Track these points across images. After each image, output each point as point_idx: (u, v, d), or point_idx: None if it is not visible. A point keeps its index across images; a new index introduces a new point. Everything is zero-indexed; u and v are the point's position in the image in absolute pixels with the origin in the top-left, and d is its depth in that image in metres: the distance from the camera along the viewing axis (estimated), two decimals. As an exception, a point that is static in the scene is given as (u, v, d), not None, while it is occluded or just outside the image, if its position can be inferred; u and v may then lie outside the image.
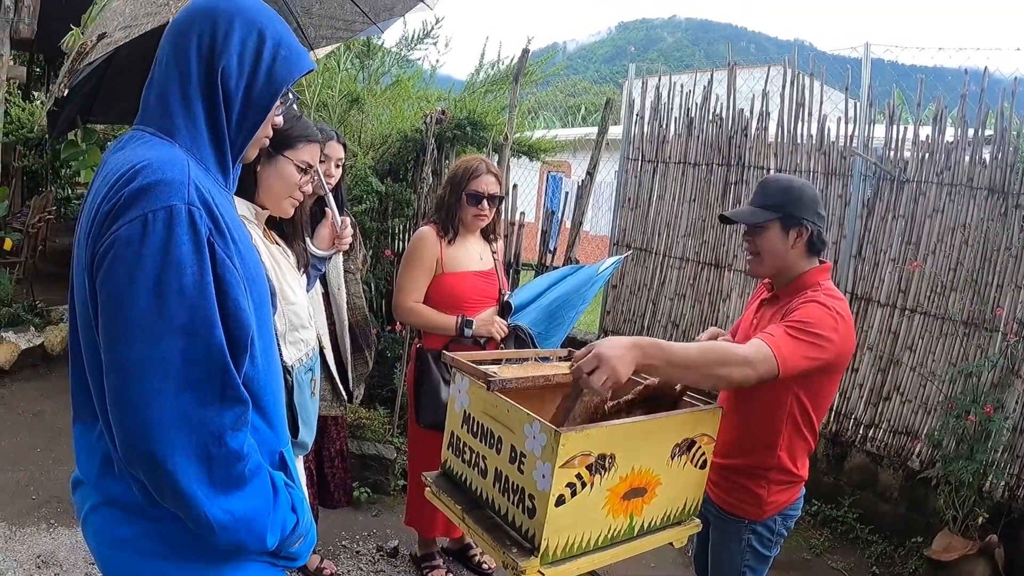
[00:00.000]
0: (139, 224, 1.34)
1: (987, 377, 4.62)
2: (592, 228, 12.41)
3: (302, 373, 2.61)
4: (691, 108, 6.43)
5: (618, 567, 3.12)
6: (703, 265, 6.32)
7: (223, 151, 1.56)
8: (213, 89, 1.50)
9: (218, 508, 1.41)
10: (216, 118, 1.52)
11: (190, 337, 1.36)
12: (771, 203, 2.61)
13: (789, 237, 2.59)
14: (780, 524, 2.71)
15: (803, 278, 2.63)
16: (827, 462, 5.44)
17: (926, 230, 5.04)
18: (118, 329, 1.35)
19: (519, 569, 2.16)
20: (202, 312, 1.37)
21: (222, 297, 1.41)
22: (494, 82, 7.57)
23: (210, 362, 1.38)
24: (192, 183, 1.40)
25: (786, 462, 2.64)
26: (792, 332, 2.39)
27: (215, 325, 1.38)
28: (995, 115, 4.75)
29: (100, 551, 1.60)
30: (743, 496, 2.69)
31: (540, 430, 2.14)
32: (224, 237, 1.44)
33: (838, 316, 2.48)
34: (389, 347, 5.62)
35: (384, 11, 4.02)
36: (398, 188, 5.81)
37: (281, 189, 2.50)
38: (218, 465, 1.40)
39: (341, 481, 3.90)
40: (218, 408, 1.39)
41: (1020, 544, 4.43)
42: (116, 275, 1.34)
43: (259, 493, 1.49)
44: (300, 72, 1.60)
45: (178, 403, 1.35)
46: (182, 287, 1.34)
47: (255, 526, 1.48)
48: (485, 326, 3.58)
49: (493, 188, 3.62)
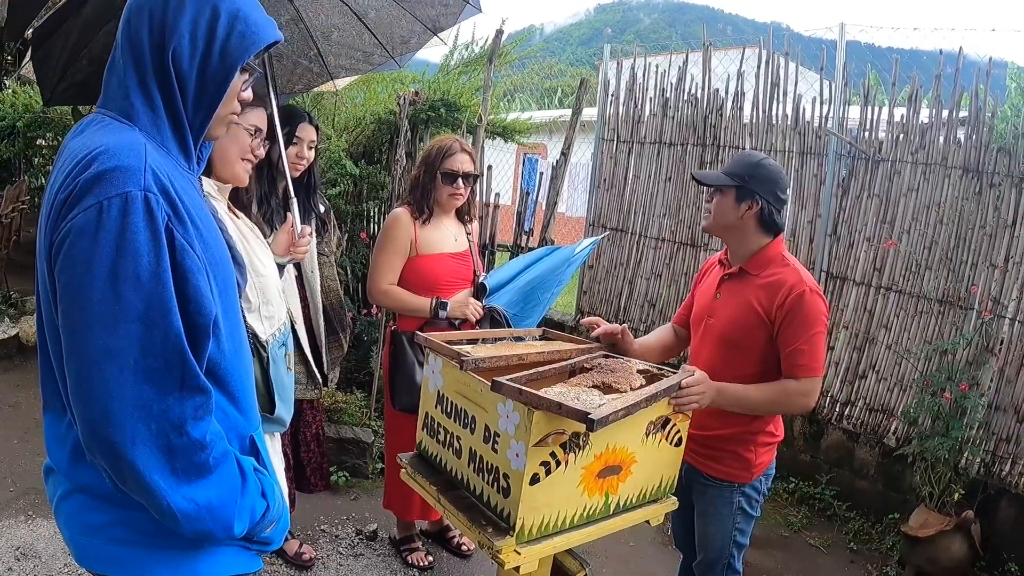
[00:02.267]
0: (94, 212, 1.32)
1: (962, 355, 4.66)
2: (569, 209, 12.40)
3: (276, 348, 2.59)
4: (666, 89, 6.42)
5: (595, 545, 3.14)
6: (679, 245, 6.33)
7: (183, 133, 1.53)
8: (166, 71, 1.47)
9: (181, 497, 1.40)
10: (172, 100, 1.49)
11: (147, 325, 1.34)
12: (735, 172, 2.81)
13: (740, 207, 2.79)
14: (763, 484, 2.94)
15: (766, 252, 2.83)
16: (804, 440, 5.48)
17: (901, 209, 5.06)
18: (75, 318, 1.33)
19: (495, 548, 2.16)
20: (159, 300, 1.35)
21: (182, 283, 1.39)
22: (468, 64, 7.54)
23: (168, 350, 1.36)
24: (149, 169, 1.38)
25: (768, 425, 2.87)
26: (813, 337, 2.68)
27: (172, 313, 1.36)
28: (970, 96, 4.76)
29: (73, 538, 1.59)
30: (733, 462, 2.85)
31: (513, 409, 2.14)
32: (184, 223, 1.42)
33: (819, 292, 2.74)
34: (365, 331, 5.61)
35: (400, 44, 4.03)
36: (372, 171, 5.78)
37: (233, 153, 2.50)
38: (180, 454, 1.39)
39: (318, 465, 3.89)
40: (178, 397, 1.38)
41: (996, 520, 4.48)
42: (72, 264, 1.33)
43: (225, 481, 1.48)
44: (257, 46, 1.55)
45: (137, 392, 1.34)
46: (138, 275, 1.33)
47: (221, 514, 1.47)
48: (460, 308, 3.57)
49: (468, 167, 3.60)
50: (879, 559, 4.64)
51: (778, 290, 2.71)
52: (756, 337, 2.75)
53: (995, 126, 4.69)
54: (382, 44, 3.97)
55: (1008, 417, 4.54)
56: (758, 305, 2.73)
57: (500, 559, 2.16)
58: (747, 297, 2.78)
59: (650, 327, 6.43)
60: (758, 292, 2.75)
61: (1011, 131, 4.63)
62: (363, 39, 3.94)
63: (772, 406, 2.76)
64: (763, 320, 2.72)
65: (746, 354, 2.78)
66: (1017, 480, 4.48)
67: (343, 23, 3.87)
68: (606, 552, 4.23)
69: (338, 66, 4.06)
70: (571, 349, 2.70)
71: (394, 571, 3.90)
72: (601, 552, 4.20)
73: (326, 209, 3.87)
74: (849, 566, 4.58)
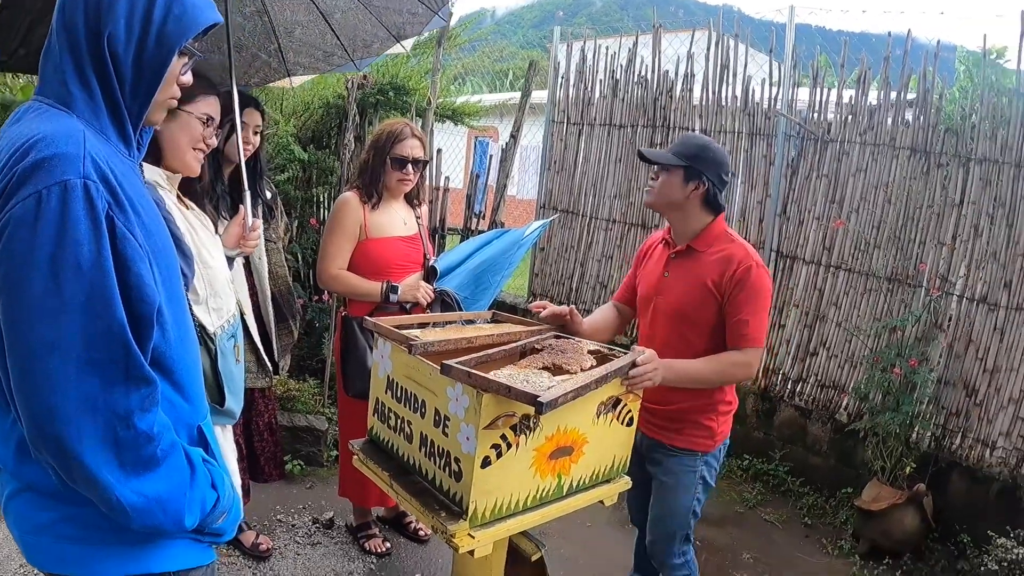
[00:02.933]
0: (33, 201, 1.29)
1: (911, 331, 4.73)
2: (520, 192, 12.39)
3: (225, 340, 2.55)
4: (616, 71, 6.43)
5: (552, 526, 3.14)
6: (630, 226, 6.36)
7: (121, 119, 1.49)
8: (102, 57, 1.43)
9: (130, 491, 1.37)
10: (109, 86, 1.46)
11: (90, 317, 1.31)
12: (683, 153, 2.90)
13: (687, 187, 2.88)
14: (721, 453, 3.08)
15: (711, 230, 2.95)
16: (756, 417, 5.53)
17: (849, 189, 5.12)
18: (16, 311, 1.30)
19: (448, 533, 2.15)
20: (101, 290, 1.32)
21: (124, 272, 1.36)
22: (417, 47, 7.47)
23: (112, 342, 1.33)
24: (88, 156, 1.34)
25: (726, 394, 3.00)
26: (757, 310, 2.80)
27: (115, 303, 1.33)
28: (918, 78, 4.82)
29: (22, 538, 1.55)
30: (696, 431, 2.97)
31: (463, 392, 2.12)
32: (125, 210, 1.38)
33: (764, 267, 2.87)
34: (317, 317, 5.56)
35: (361, 48, 3.98)
36: (321, 156, 5.72)
37: (184, 143, 2.46)
38: (127, 447, 1.37)
39: (272, 455, 3.84)
40: (124, 389, 1.35)
41: (948, 492, 4.56)
42: (11, 255, 1.29)
43: (173, 473, 1.45)
44: (195, 29, 1.52)
45: (82, 385, 1.31)
46: (79, 265, 1.30)
47: (171, 507, 1.45)
48: (410, 291, 3.54)
49: (417, 152, 3.57)
50: (833, 533, 4.70)
51: (728, 264, 2.82)
52: (708, 310, 2.85)
53: (943, 107, 4.75)
54: (344, 46, 3.92)
55: (957, 392, 4.62)
56: (709, 280, 2.83)
57: (454, 543, 2.16)
58: (698, 273, 2.88)
59: (603, 308, 6.45)
60: (709, 267, 2.86)
61: (959, 112, 4.69)
62: (325, 39, 3.90)
63: (718, 377, 2.85)
64: (713, 294, 2.83)
65: (699, 328, 2.88)
66: (967, 453, 4.56)
67: (307, 21, 3.82)
68: (563, 533, 4.24)
69: (297, 63, 4.01)
70: (521, 331, 2.69)
71: (351, 558, 3.88)
72: (558, 533, 4.20)
73: (273, 195, 3.82)
74: (804, 540, 4.63)
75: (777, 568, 4.28)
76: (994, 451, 4.47)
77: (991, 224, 4.52)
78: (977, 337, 4.56)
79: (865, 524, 4.47)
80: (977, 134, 4.57)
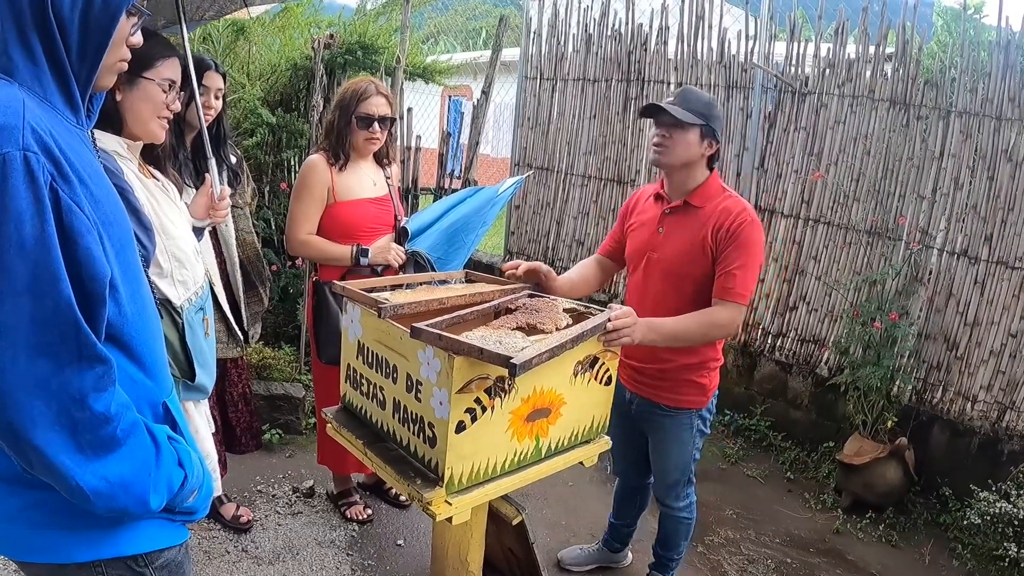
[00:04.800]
0: None
1: (891, 285, 4.71)
2: (494, 150, 12.29)
3: (192, 313, 2.48)
4: (589, 25, 6.32)
5: (534, 488, 3.11)
6: (605, 182, 6.29)
7: (68, 86, 1.40)
8: (46, 20, 1.33)
9: (91, 475, 1.31)
10: (55, 51, 1.36)
11: (35, 296, 1.23)
12: (697, 110, 2.80)
13: (703, 145, 2.85)
14: (713, 404, 3.11)
15: (709, 185, 2.92)
16: (737, 372, 5.51)
17: (828, 141, 5.06)
18: None
19: (425, 500, 2.11)
20: (46, 267, 1.24)
21: (71, 247, 1.27)
22: (386, 5, 7.31)
23: (61, 321, 1.26)
24: (28, 126, 1.25)
25: (716, 351, 3.02)
26: (746, 265, 2.76)
27: (61, 280, 1.25)
28: (896, 31, 4.76)
29: None
30: (690, 389, 2.99)
31: (434, 356, 2.06)
32: (70, 182, 1.29)
33: (760, 226, 2.85)
34: (291, 283, 5.48)
35: None
36: (290, 119, 5.59)
37: (148, 112, 2.36)
38: (84, 430, 1.30)
39: (248, 425, 3.79)
40: (76, 369, 1.28)
41: (929, 445, 4.58)
42: None
43: (136, 454, 1.39)
44: None
45: (32, 368, 1.24)
46: (22, 242, 1.21)
47: (135, 489, 1.39)
48: (381, 253, 3.47)
49: (384, 110, 3.47)
50: (816, 487, 4.71)
51: (726, 217, 2.81)
52: (701, 265, 2.83)
53: (923, 59, 4.70)
54: None
55: (938, 345, 4.63)
56: (707, 234, 2.82)
57: (431, 511, 2.12)
58: (695, 228, 2.86)
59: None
60: (706, 222, 2.84)
61: (938, 66, 4.64)
62: None
63: (700, 336, 2.82)
64: (709, 247, 2.81)
65: (693, 283, 2.87)
66: (948, 406, 4.58)
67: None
68: (545, 494, 4.22)
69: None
70: (495, 291, 2.62)
71: (333, 527, 3.85)
72: (540, 495, 4.18)
73: (238, 160, 3.71)
74: (787, 495, 4.64)
75: (760, 523, 4.28)
76: (975, 404, 4.48)
77: (971, 177, 4.49)
78: (957, 291, 4.56)
79: (847, 478, 4.47)
80: (957, 87, 4.53)
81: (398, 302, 2.31)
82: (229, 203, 3.03)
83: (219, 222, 3.03)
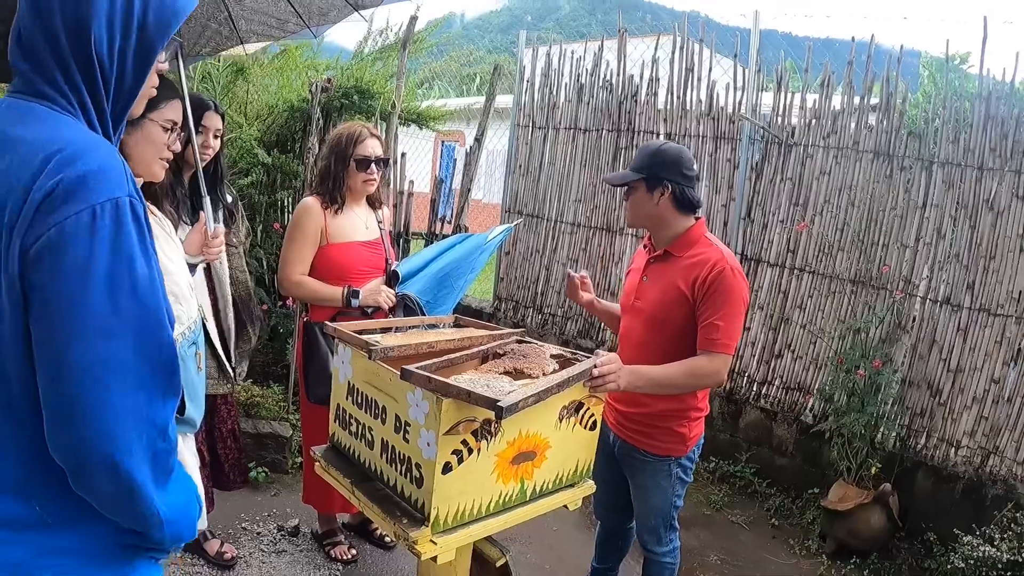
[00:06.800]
0: (87, 217, 1.21)
1: (875, 332, 4.76)
2: (486, 196, 12.37)
3: (185, 347, 2.51)
4: (582, 75, 6.44)
5: (518, 530, 3.13)
6: (595, 230, 6.36)
7: (104, 123, 1.40)
8: (88, 60, 1.33)
9: (163, 503, 1.34)
10: (95, 90, 1.36)
11: (142, 334, 1.27)
12: (639, 166, 2.93)
13: (654, 196, 2.90)
14: (695, 453, 3.11)
15: (689, 234, 2.96)
16: (723, 419, 5.55)
17: (813, 192, 5.15)
18: (70, 330, 1.22)
19: (410, 539, 2.14)
20: (153, 307, 1.28)
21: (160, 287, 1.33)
22: (383, 50, 7.44)
23: (161, 357, 1.30)
24: (127, 172, 1.29)
25: (699, 400, 3.02)
26: (728, 315, 2.78)
27: (164, 318, 1.31)
28: (881, 83, 4.86)
29: None
30: (668, 437, 3.00)
31: (423, 397, 2.10)
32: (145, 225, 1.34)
33: (741, 273, 2.87)
34: (281, 322, 5.51)
35: (318, 15, 3.89)
36: (285, 160, 5.67)
37: (150, 152, 2.41)
38: (161, 459, 1.33)
39: (236, 461, 3.80)
40: (162, 402, 1.32)
41: (913, 491, 4.60)
42: (64, 272, 1.21)
43: (183, 480, 1.43)
44: (179, 19, 1.43)
45: (134, 403, 1.26)
46: (135, 284, 1.25)
47: (188, 512, 1.43)
48: (372, 295, 3.52)
49: (379, 151, 3.56)
50: (800, 533, 4.72)
51: (701, 267, 2.83)
52: (678, 313, 2.86)
53: (907, 111, 4.80)
54: (299, 13, 3.84)
55: (921, 392, 4.67)
56: (682, 283, 2.85)
57: (416, 550, 2.14)
58: (672, 278, 2.91)
59: (568, 313, 6.49)
60: (683, 272, 2.88)
61: (922, 116, 4.74)
62: (278, 6, 3.78)
63: (685, 384, 2.85)
64: (686, 297, 2.83)
65: (669, 331, 2.90)
66: (932, 452, 4.61)
67: (258, -12, 3.75)
68: (529, 537, 4.23)
69: (249, 31, 3.91)
70: (483, 336, 2.68)
71: (317, 566, 3.84)
72: (524, 537, 4.19)
73: (233, 199, 3.77)
74: (771, 541, 4.65)
75: (745, 569, 4.30)
76: (959, 450, 4.51)
77: (954, 226, 4.57)
78: (940, 338, 4.61)
79: (832, 524, 4.49)
80: (940, 138, 4.62)
81: (388, 344, 2.36)
82: (223, 241, 3.08)
83: (212, 259, 3.08)
